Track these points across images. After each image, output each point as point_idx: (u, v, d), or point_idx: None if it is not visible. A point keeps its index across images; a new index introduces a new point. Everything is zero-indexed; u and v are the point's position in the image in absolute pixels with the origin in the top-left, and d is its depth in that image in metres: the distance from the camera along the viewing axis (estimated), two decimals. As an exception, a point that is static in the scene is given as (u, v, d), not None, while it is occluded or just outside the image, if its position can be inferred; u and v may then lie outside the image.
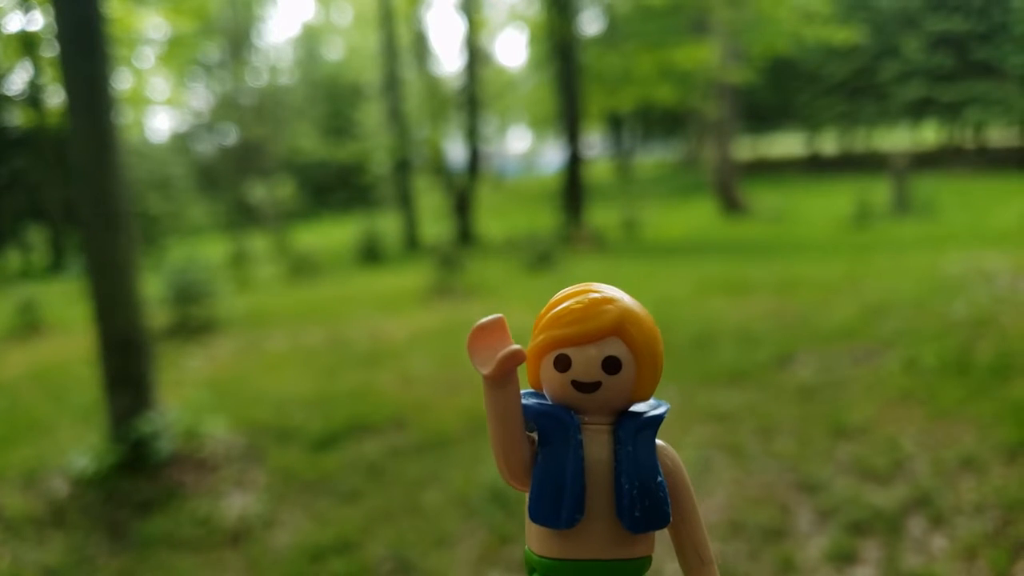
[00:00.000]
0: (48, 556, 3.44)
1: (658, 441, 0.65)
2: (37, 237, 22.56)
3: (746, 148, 33.92)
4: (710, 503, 3.41)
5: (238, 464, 4.29)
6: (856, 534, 3.02)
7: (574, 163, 16.73)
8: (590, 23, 23.16)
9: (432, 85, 20.54)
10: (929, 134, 31.64)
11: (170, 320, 8.15)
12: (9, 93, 22.41)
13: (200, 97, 30.20)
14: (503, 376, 0.60)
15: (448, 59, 56.03)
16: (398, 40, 19.48)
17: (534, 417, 0.63)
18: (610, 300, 0.63)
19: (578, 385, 0.62)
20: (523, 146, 47.57)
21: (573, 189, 16.66)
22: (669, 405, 0.66)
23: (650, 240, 15.29)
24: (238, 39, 24.63)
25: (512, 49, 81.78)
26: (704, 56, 15.52)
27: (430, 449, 4.30)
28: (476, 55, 19.83)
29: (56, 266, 19.96)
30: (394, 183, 20.93)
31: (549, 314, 0.63)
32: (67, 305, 10.54)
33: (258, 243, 19.79)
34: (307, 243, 17.71)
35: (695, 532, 0.65)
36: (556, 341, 0.62)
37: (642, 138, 41.63)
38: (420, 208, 19.72)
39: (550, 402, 0.64)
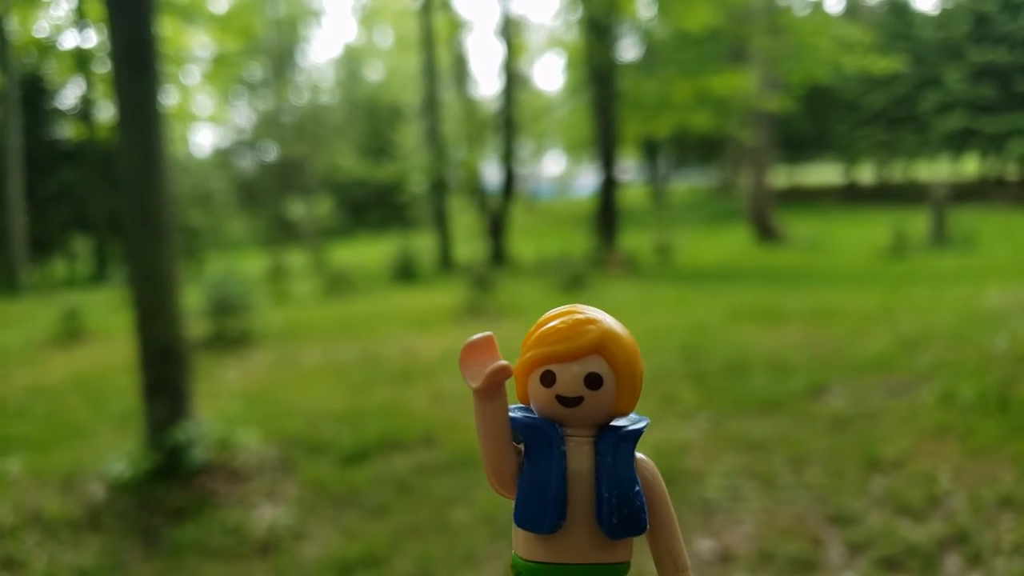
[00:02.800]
0: (83, 558, 3.50)
1: (638, 454, 0.68)
2: (82, 247, 23.08)
3: (782, 176, 33.72)
4: (739, 532, 3.39)
5: (269, 475, 4.34)
6: (889, 570, 2.97)
7: (608, 187, 16.76)
8: (628, 49, 23.27)
9: (470, 108, 20.75)
10: (970, 166, 31.21)
11: (207, 331, 8.28)
12: (62, 107, 23.01)
13: (243, 114, 30.79)
14: (492, 390, 0.64)
15: (486, 82, 56.41)
16: (438, 63, 19.73)
17: (521, 429, 0.66)
18: (593, 321, 0.66)
19: (562, 400, 0.65)
20: (557, 169, 47.75)
21: (607, 213, 16.68)
22: (649, 420, 0.69)
23: (683, 266, 15.22)
24: (281, 59, 25.10)
25: (549, 73, 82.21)
26: (742, 84, 15.51)
27: (459, 467, 4.31)
28: (514, 79, 19.99)
29: (99, 275, 20.37)
30: (430, 203, 21.10)
31: (536, 333, 0.67)
32: (109, 314, 10.75)
33: (295, 259, 20.04)
34: (343, 260, 17.90)
35: (671, 540, 0.68)
36: (542, 358, 0.66)
37: (677, 164, 41.55)
38: (454, 228, 19.85)
39: (536, 415, 0.67)
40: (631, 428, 0.67)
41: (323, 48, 76.80)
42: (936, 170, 31.27)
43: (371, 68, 38.92)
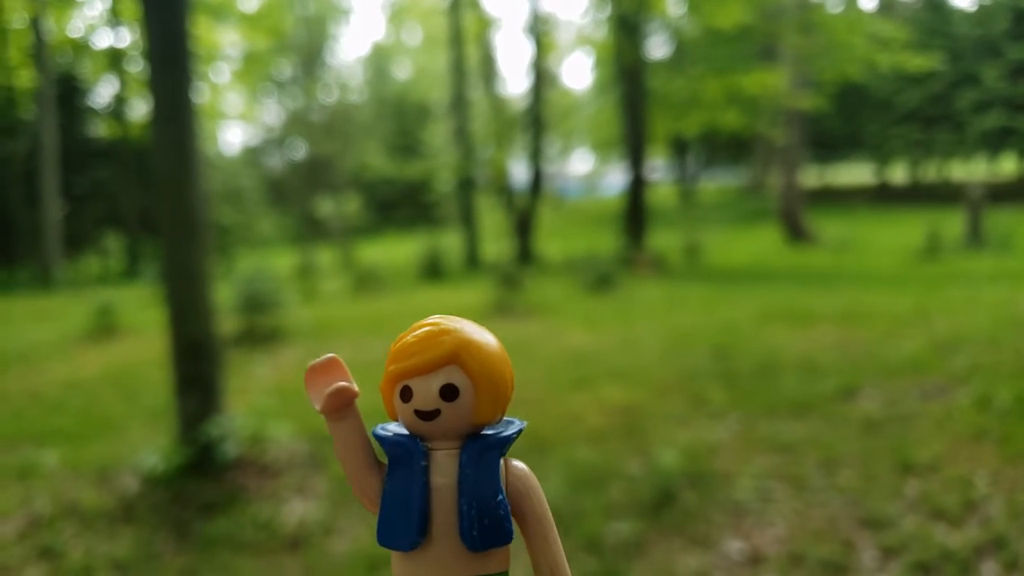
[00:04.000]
0: (118, 550, 3.55)
1: (514, 461, 0.67)
2: (114, 244, 23.42)
3: (812, 176, 33.38)
4: (770, 534, 3.36)
5: (300, 471, 4.37)
6: (923, 575, 2.93)
7: (637, 186, 16.70)
8: (657, 47, 23.14)
9: (498, 106, 20.75)
10: (1008, 165, 30.68)
11: (238, 328, 8.35)
12: (95, 106, 23.36)
13: (272, 112, 31.03)
14: (334, 411, 0.64)
15: (515, 80, 56.39)
16: (466, 61, 19.76)
17: (384, 446, 0.66)
18: (447, 331, 0.65)
19: (419, 414, 0.64)
20: (585, 167, 47.65)
21: (635, 212, 16.62)
22: (524, 425, 0.68)
23: (712, 266, 15.13)
24: (310, 57, 25.27)
25: (578, 71, 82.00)
26: (772, 82, 15.37)
27: (488, 465, 4.31)
28: (543, 77, 19.98)
29: (131, 272, 20.66)
30: (457, 201, 21.15)
31: (393, 349, 0.66)
32: (140, 309, 10.89)
33: (324, 256, 20.18)
34: (371, 258, 17.99)
35: (548, 550, 0.66)
36: (399, 374, 0.65)
37: (706, 163, 41.30)
38: (482, 227, 19.87)
39: (404, 431, 0.66)
40: (497, 436, 0.65)
41: (352, 46, 77.25)
42: (972, 169, 30.80)
43: (399, 66, 39.09)
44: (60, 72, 21.40)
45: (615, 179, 33.95)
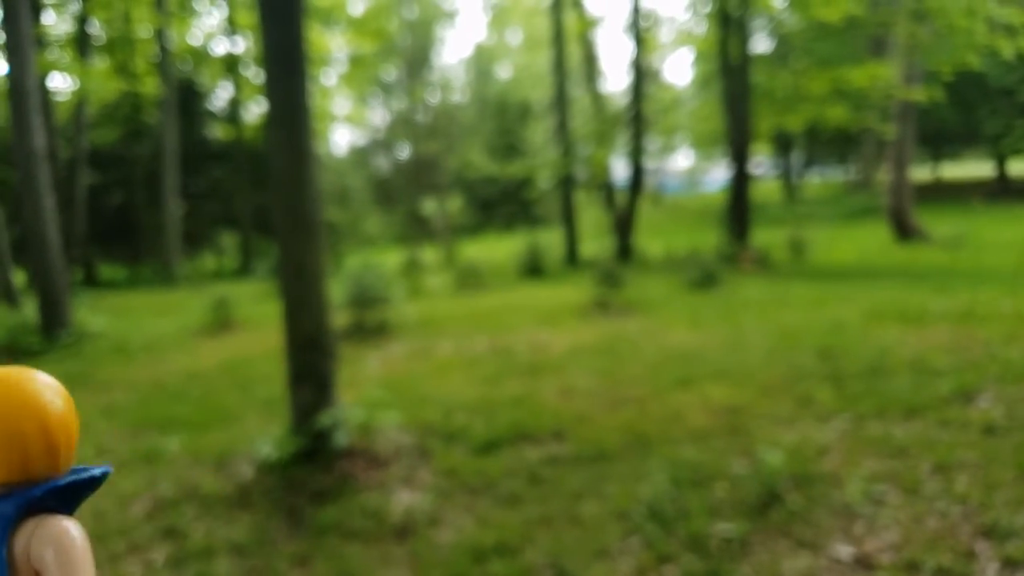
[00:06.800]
0: (235, 533, 3.74)
1: (56, 522, 0.62)
2: (229, 242, 24.51)
3: (924, 171, 31.88)
4: (882, 539, 3.26)
5: (407, 461, 4.49)
6: (1049, 587, 2.79)
7: (740, 182, 16.34)
8: (759, 42, 22.59)
9: (599, 104, 20.68)
10: None
11: (347, 322, 8.64)
12: (212, 110, 24.48)
13: (378, 114, 31.81)
14: None
15: (616, 77, 56.06)
16: (568, 60, 19.76)
17: None
18: None
19: None
20: (685, 163, 46.88)
21: (738, 208, 16.27)
22: (78, 477, 0.65)
23: (818, 264, 14.67)
24: (415, 59, 25.78)
25: (679, 67, 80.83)
26: (883, 74, 14.77)
27: (589, 462, 4.34)
28: (643, 74, 19.79)
29: (244, 269, 21.56)
30: (558, 199, 21.19)
31: None
32: (253, 305, 11.37)
33: (428, 254, 20.57)
34: (474, 255, 18.23)
35: None
36: None
37: (811, 159, 40.00)
38: (582, 224, 19.86)
39: None
40: (8, 495, 0.62)
41: (455, 48, 78.38)
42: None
43: (501, 67, 39.41)
44: (181, 79, 22.53)
45: (717, 175, 33.32)
